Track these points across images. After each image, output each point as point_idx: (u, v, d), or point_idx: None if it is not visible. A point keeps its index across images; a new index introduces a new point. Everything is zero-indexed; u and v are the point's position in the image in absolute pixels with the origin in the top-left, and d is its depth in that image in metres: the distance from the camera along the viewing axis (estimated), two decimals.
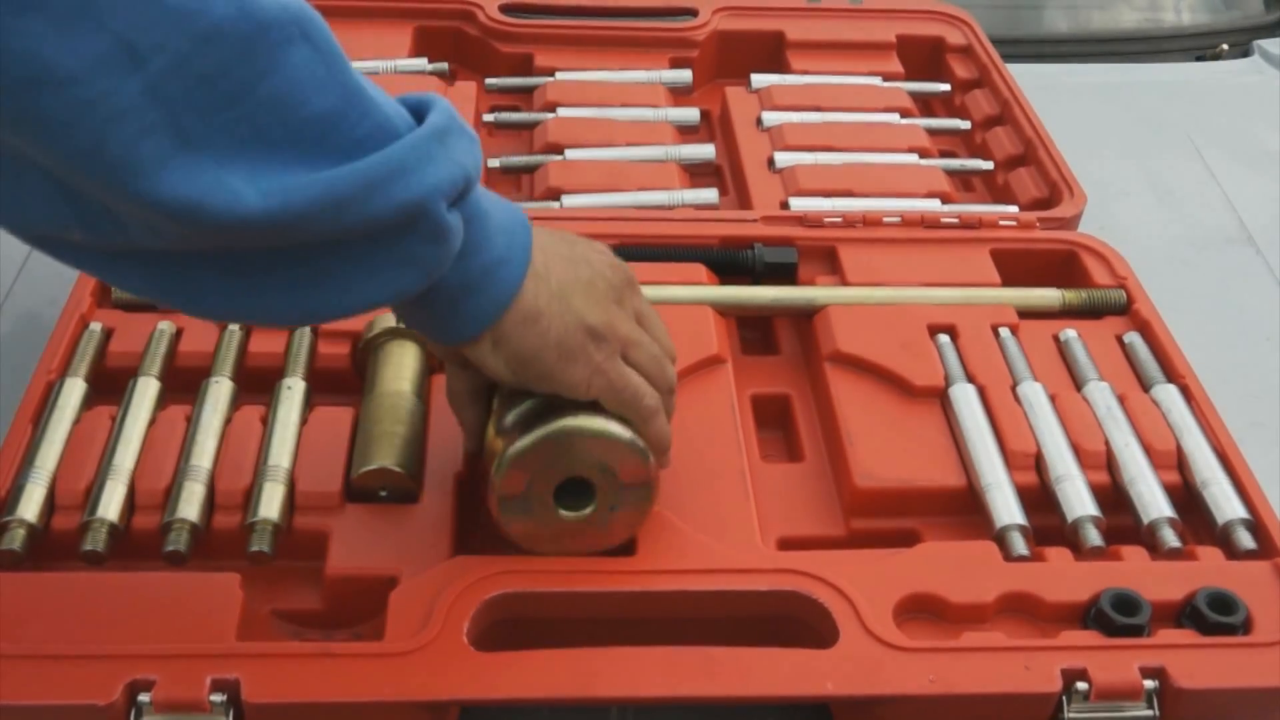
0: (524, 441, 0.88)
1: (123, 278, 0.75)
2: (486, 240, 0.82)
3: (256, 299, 0.76)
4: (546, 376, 0.88)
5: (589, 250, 0.91)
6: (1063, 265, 1.26)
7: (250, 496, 0.95)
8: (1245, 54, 1.93)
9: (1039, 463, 1.03)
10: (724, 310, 1.18)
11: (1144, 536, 0.98)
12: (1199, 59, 1.93)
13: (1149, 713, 0.86)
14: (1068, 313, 1.20)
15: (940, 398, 1.09)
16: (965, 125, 1.51)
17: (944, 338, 1.14)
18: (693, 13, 1.60)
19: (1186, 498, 1.02)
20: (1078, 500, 0.99)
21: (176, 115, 0.65)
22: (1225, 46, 1.93)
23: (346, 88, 0.71)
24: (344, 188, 0.71)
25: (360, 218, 0.72)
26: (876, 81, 1.54)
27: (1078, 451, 1.03)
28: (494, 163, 1.39)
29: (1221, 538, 0.98)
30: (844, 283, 1.20)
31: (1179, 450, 1.04)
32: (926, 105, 1.59)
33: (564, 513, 0.91)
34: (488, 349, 0.86)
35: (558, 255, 0.88)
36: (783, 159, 1.38)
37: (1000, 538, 0.97)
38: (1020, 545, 0.96)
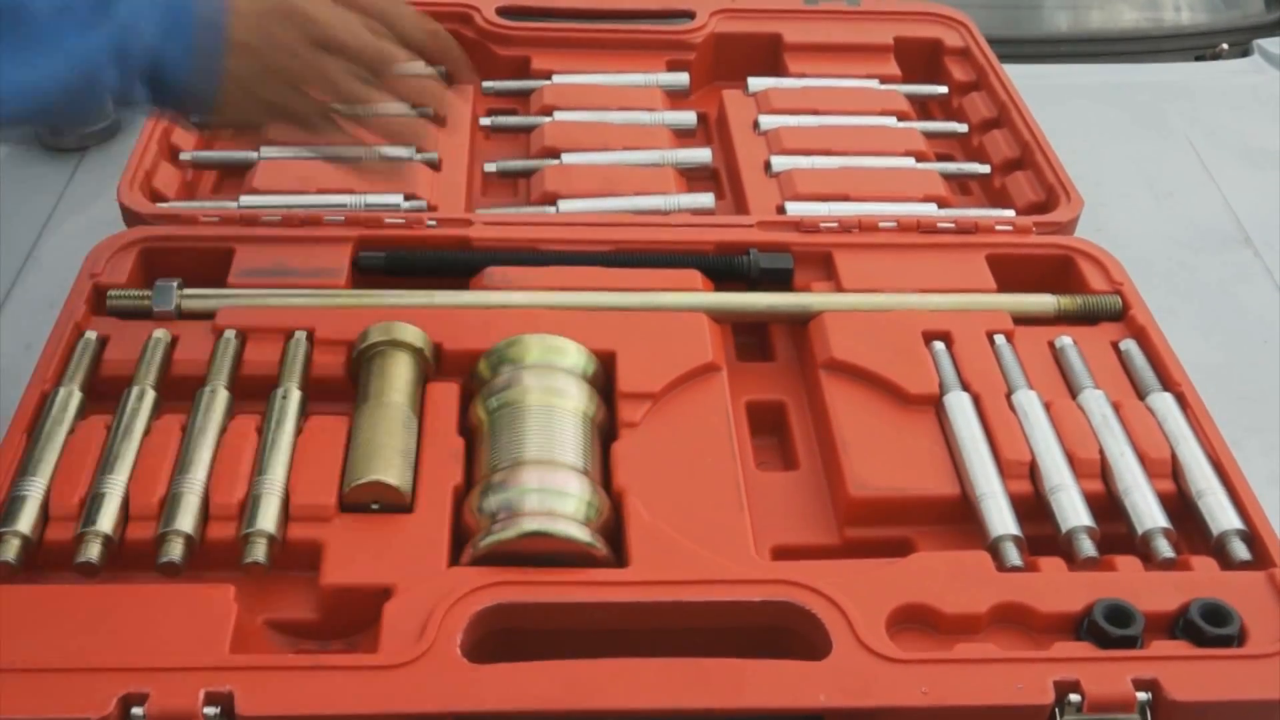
0: (496, 536, 0.92)
1: None
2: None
3: None
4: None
5: None
6: (1059, 270, 1.26)
7: (245, 507, 0.95)
8: (1245, 54, 1.92)
9: (1033, 471, 1.03)
10: (719, 316, 1.17)
11: (1138, 546, 0.98)
12: (1199, 59, 1.93)
13: None
14: (1063, 319, 1.20)
15: (935, 406, 1.09)
16: (962, 129, 1.51)
17: (939, 345, 1.14)
18: (690, 15, 1.60)
19: (1181, 507, 1.02)
20: (1072, 511, 0.99)
21: None
22: (1225, 46, 1.92)
23: None
24: None
25: None
26: (874, 84, 1.54)
27: (1072, 460, 1.03)
28: (490, 167, 1.39)
29: (1216, 548, 0.98)
30: (840, 289, 1.20)
31: (1174, 459, 1.04)
32: (924, 107, 1.59)
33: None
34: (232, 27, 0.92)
35: None
36: (779, 163, 1.38)
37: (994, 548, 0.97)
38: (1014, 556, 0.96)
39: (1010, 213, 1.34)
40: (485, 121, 1.47)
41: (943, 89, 1.57)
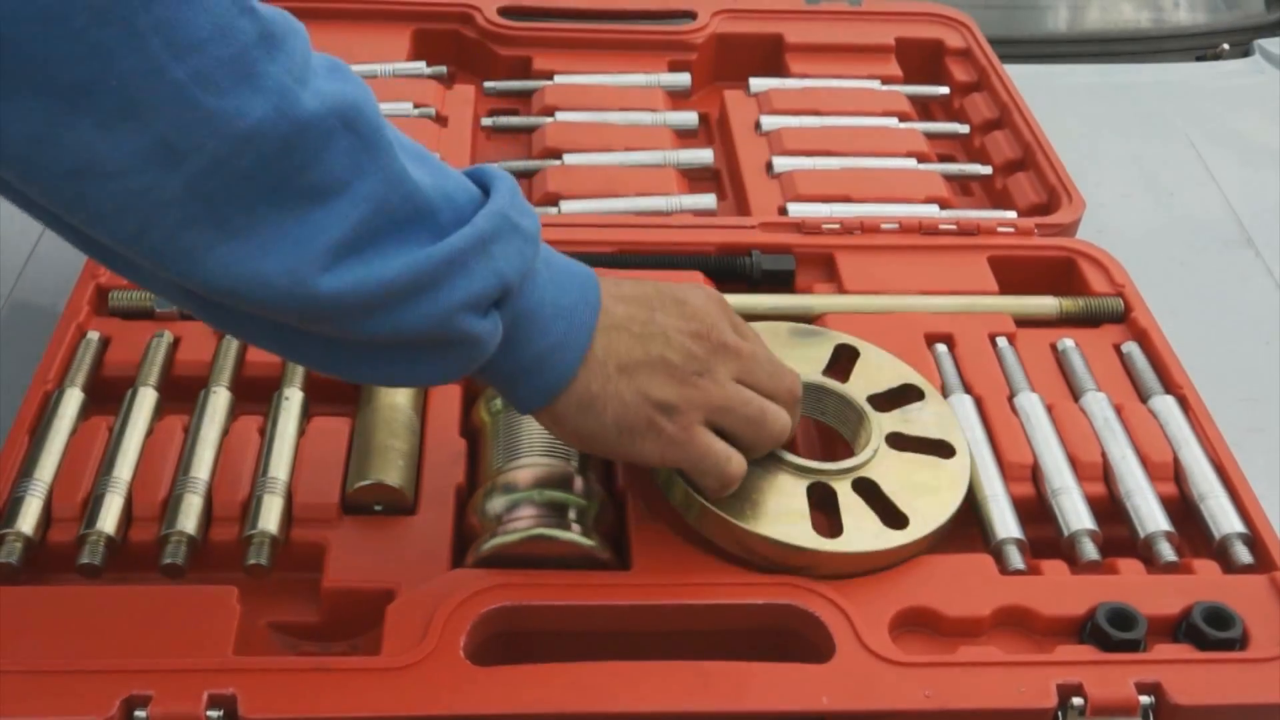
0: (500, 539, 0.93)
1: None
2: (538, 331, 0.84)
3: (300, 358, 0.81)
4: (611, 453, 0.91)
5: (672, 317, 0.90)
6: (1061, 272, 1.26)
7: (248, 509, 0.95)
8: (1245, 54, 1.92)
9: (1035, 474, 1.03)
10: None
11: (1140, 549, 0.98)
12: (1199, 59, 1.93)
13: None
14: (1065, 321, 1.20)
15: None
16: (964, 130, 1.51)
17: (941, 347, 1.14)
18: (691, 15, 1.60)
19: (1183, 510, 1.02)
20: (1074, 514, 0.99)
21: (217, 208, 0.68)
22: (1225, 46, 1.92)
23: (389, 172, 0.73)
24: (373, 294, 0.74)
25: (386, 325, 0.75)
26: (875, 85, 1.54)
27: (1074, 463, 1.03)
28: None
29: (1219, 551, 0.98)
30: (841, 290, 1.20)
31: (1176, 462, 1.04)
32: (925, 108, 1.59)
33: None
34: (549, 423, 0.89)
35: (624, 334, 0.88)
36: (781, 163, 1.38)
37: (997, 551, 0.97)
38: (1016, 559, 0.96)
39: (1012, 214, 1.34)
40: (486, 122, 1.46)
41: (944, 90, 1.57)
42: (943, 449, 1.02)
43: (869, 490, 0.98)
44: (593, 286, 0.88)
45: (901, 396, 1.07)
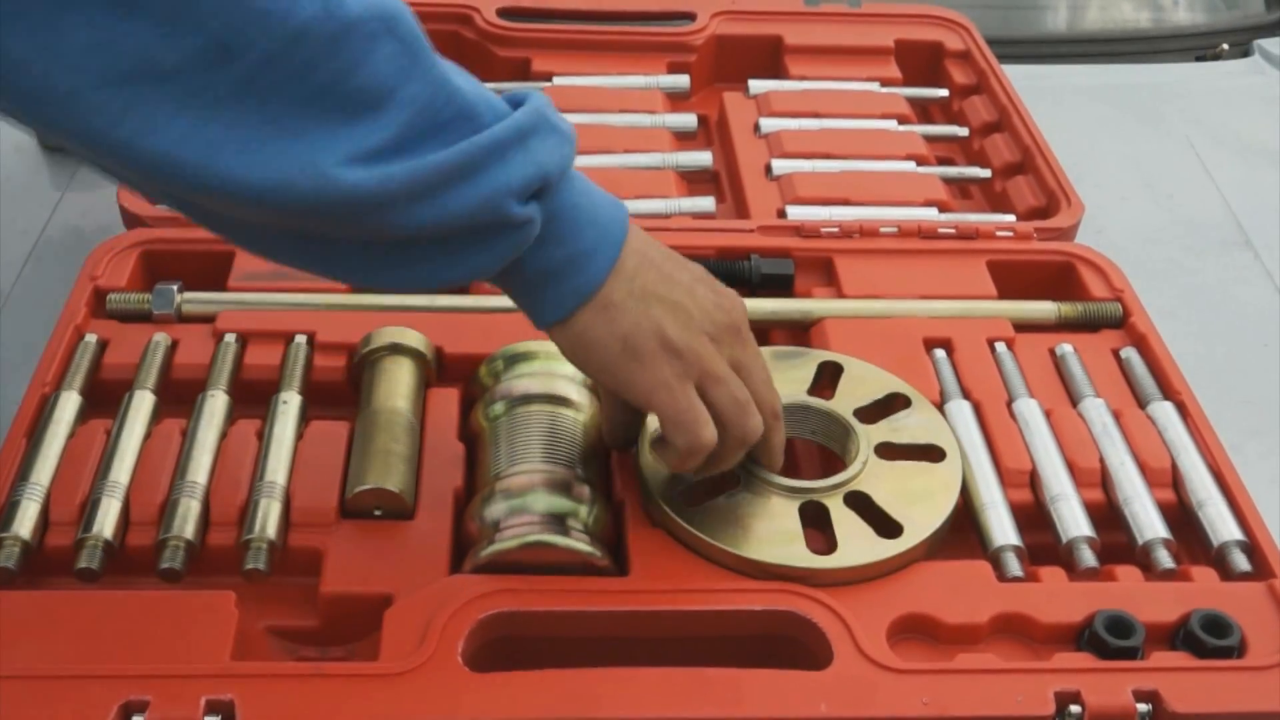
0: (498, 546, 0.92)
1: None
2: (572, 232, 0.85)
3: (328, 268, 0.82)
4: (606, 370, 0.90)
5: (700, 284, 0.92)
6: (1059, 277, 1.26)
7: (246, 513, 0.95)
8: (1245, 54, 1.92)
9: (1034, 480, 1.03)
10: None
11: (1138, 556, 0.98)
12: (1199, 59, 1.92)
13: None
14: (1064, 326, 1.20)
15: None
16: (963, 132, 1.51)
17: (940, 352, 1.14)
18: (690, 17, 1.60)
19: (1181, 516, 1.02)
20: (1072, 521, 0.99)
21: (268, 106, 0.71)
22: (1225, 46, 1.92)
23: (432, 76, 0.76)
24: (420, 182, 0.76)
25: (431, 213, 0.77)
26: (874, 87, 1.54)
27: (1073, 469, 1.03)
28: None
29: (1216, 559, 0.98)
30: (840, 294, 1.20)
31: (1174, 469, 1.04)
32: (924, 111, 1.59)
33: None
34: (560, 335, 0.89)
35: (656, 271, 0.90)
36: (780, 166, 1.38)
37: (995, 558, 0.97)
38: (1014, 566, 0.96)
39: (1011, 218, 1.34)
40: None
41: (943, 92, 1.57)
42: (933, 453, 1.03)
43: (861, 503, 0.98)
44: (622, 209, 0.90)
45: (888, 406, 1.07)
